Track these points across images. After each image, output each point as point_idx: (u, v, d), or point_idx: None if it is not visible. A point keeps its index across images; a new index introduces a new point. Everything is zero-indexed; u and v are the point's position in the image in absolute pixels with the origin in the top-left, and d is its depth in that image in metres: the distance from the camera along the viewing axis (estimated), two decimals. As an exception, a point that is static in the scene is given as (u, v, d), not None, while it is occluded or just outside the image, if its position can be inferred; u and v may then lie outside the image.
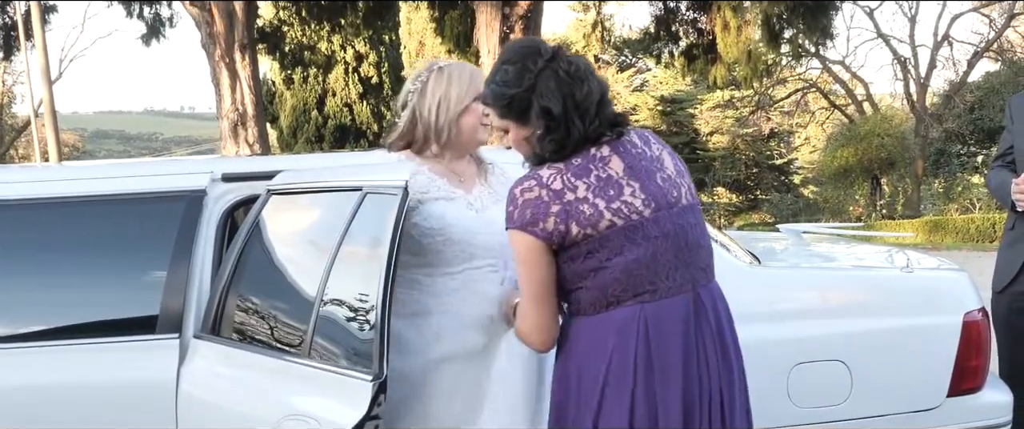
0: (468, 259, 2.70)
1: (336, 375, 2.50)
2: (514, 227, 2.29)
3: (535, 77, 2.28)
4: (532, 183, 2.29)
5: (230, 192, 3.26)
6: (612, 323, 2.30)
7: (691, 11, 18.00)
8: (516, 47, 2.38)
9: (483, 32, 14.35)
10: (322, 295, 2.63)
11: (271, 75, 29.32)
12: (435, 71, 2.82)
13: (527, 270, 2.31)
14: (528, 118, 2.31)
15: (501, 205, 2.53)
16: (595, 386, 2.31)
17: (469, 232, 2.70)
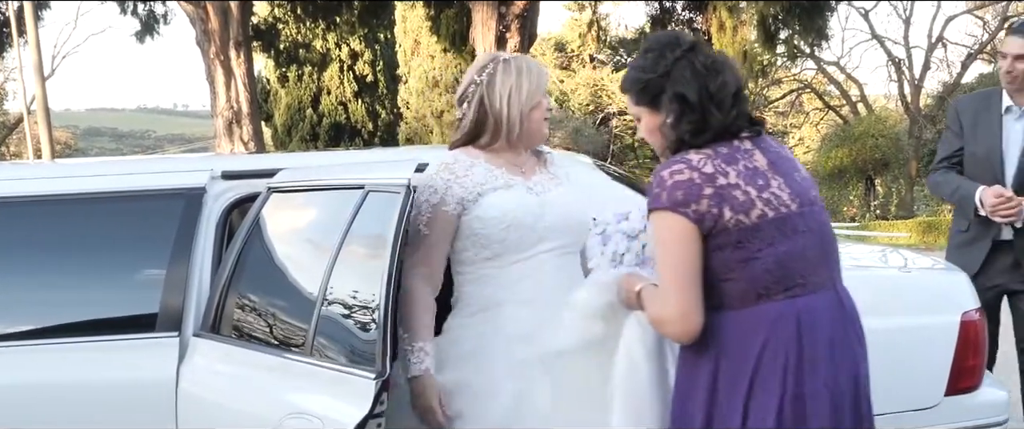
0: (537, 242, 2.72)
1: (339, 373, 2.49)
2: (663, 207, 2.22)
3: (670, 65, 2.31)
4: (681, 166, 2.25)
5: (230, 190, 3.24)
6: (764, 317, 2.25)
7: (687, 11, 18.03)
8: (656, 37, 2.42)
9: (479, 31, 14.33)
10: (324, 293, 2.63)
11: (266, 73, 29.25)
12: (501, 63, 2.78)
13: (674, 252, 2.22)
14: (660, 104, 2.33)
15: (563, 188, 2.80)
16: (740, 382, 2.26)
17: (532, 215, 2.72)
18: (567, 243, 2.73)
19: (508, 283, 2.70)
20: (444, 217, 2.71)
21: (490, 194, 2.71)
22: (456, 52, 17.78)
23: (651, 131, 2.37)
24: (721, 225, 2.21)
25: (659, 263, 2.27)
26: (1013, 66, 4.00)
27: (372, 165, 3.27)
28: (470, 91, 2.78)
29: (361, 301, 2.59)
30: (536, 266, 2.71)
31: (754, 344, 2.25)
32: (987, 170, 4.05)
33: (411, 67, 28.08)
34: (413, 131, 28.47)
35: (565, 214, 2.75)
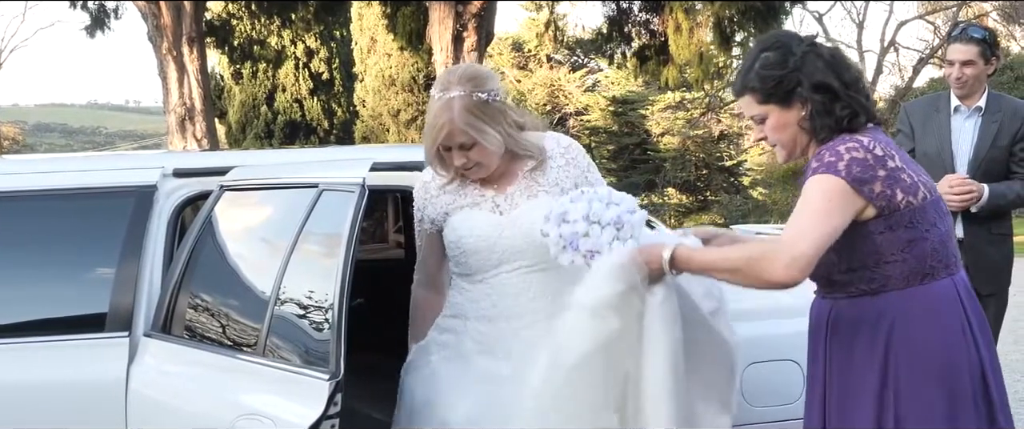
0: (497, 263, 2.69)
1: (292, 374, 2.47)
2: (838, 175, 2.25)
3: (800, 59, 2.36)
4: (855, 144, 2.30)
5: (182, 188, 3.21)
6: (934, 296, 2.36)
7: (644, 12, 18.06)
8: (772, 36, 2.50)
9: (436, 29, 14.27)
10: (277, 293, 2.60)
11: (219, 69, 28.95)
12: (438, 97, 2.64)
13: (835, 210, 2.25)
14: (793, 99, 2.37)
15: (537, 200, 2.68)
16: (925, 362, 2.33)
17: (488, 240, 2.68)
18: (532, 262, 2.67)
19: (473, 298, 2.72)
20: (427, 234, 2.81)
21: (456, 214, 2.73)
22: (413, 50, 17.69)
23: (783, 127, 2.41)
24: (893, 205, 2.30)
25: (805, 210, 2.26)
26: (962, 73, 4.17)
27: (327, 164, 3.25)
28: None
29: (315, 301, 2.56)
30: (497, 285, 2.69)
31: (931, 323, 2.35)
32: (939, 168, 4.14)
33: (367, 65, 27.93)
34: (369, 129, 28.33)
35: (527, 233, 2.64)
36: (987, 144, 4.20)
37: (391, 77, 27.23)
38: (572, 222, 2.42)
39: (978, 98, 4.25)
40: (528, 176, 2.73)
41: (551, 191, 2.72)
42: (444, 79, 2.64)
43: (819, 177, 2.28)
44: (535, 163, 2.74)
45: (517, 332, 2.66)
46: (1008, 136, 4.19)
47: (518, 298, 2.68)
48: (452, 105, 2.58)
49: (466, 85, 2.59)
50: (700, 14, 16.86)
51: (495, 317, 2.68)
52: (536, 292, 2.68)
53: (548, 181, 2.73)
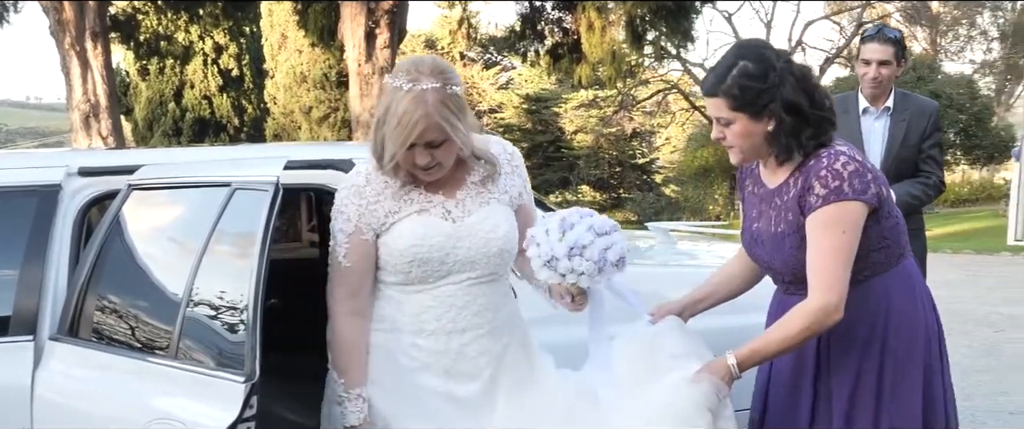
0: (446, 275, 2.52)
1: (206, 377, 2.42)
2: (847, 198, 2.43)
3: (779, 76, 2.47)
4: (845, 158, 2.47)
5: (88, 187, 3.11)
6: (907, 272, 2.63)
7: (557, 10, 18.16)
8: (751, 45, 2.60)
9: (348, 26, 14.14)
10: (190, 295, 2.55)
11: (125, 65, 28.29)
12: (407, 89, 2.42)
13: (851, 238, 2.45)
14: (764, 113, 2.48)
15: (490, 207, 2.57)
16: (914, 334, 2.59)
17: (441, 250, 2.49)
18: (480, 274, 2.54)
19: (411, 311, 2.53)
20: (362, 245, 2.52)
21: (403, 221, 2.51)
22: (325, 47, 17.53)
23: (747, 135, 2.52)
24: (883, 199, 2.51)
25: (826, 248, 2.44)
26: (879, 73, 4.28)
27: (239, 162, 3.19)
28: (388, 87, 2.46)
29: (229, 302, 2.52)
30: (442, 297, 2.52)
31: (911, 296, 2.61)
32: None
33: (278, 62, 27.60)
34: (281, 127, 27.97)
35: (484, 243, 2.52)
36: (897, 144, 4.32)
37: (303, 74, 26.94)
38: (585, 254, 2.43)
39: (887, 99, 4.36)
40: (478, 181, 2.59)
41: (501, 199, 2.60)
42: (409, 70, 2.41)
43: (833, 207, 2.44)
44: (486, 168, 2.59)
45: (462, 348, 2.52)
46: (917, 135, 4.32)
47: (463, 311, 2.53)
48: (426, 98, 2.38)
49: (438, 77, 2.40)
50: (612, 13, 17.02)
51: (436, 331, 2.52)
52: (481, 305, 2.54)
53: (498, 188, 2.61)
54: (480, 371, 2.55)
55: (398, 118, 2.39)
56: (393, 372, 2.53)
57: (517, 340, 2.64)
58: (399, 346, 2.54)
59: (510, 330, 2.63)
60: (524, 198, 2.69)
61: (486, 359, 2.55)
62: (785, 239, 2.56)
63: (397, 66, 2.47)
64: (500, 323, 2.59)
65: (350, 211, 2.52)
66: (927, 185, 4.30)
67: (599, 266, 2.43)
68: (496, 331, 2.58)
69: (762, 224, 2.65)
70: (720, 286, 2.89)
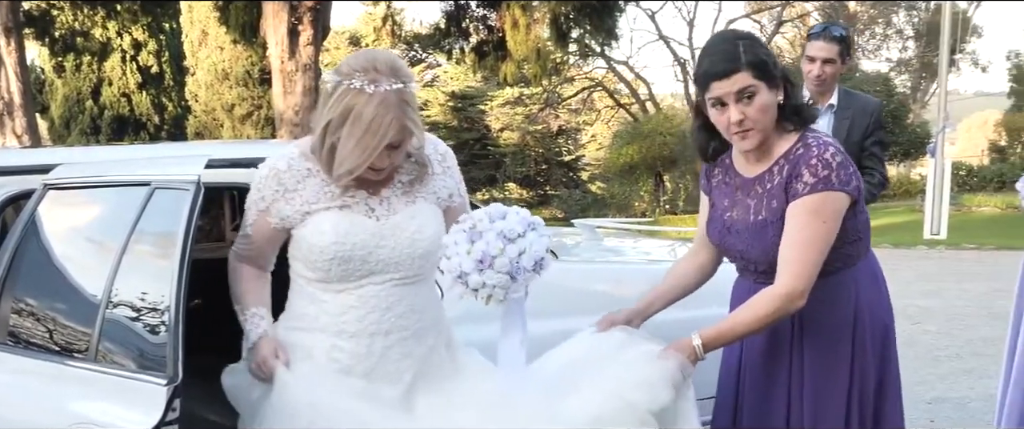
0: (367, 274, 2.44)
1: (127, 380, 2.37)
2: (837, 189, 2.46)
3: (769, 52, 2.54)
4: (833, 148, 2.51)
5: (1, 187, 3.02)
6: (872, 268, 2.73)
7: (481, 8, 18.19)
8: (732, 30, 2.71)
9: (270, 23, 13.99)
10: (109, 296, 2.50)
11: (40, 62, 27.58)
12: (381, 91, 2.33)
13: (830, 227, 2.48)
14: (775, 80, 2.50)
15: (416, 206, 2.49)
16: (884, 319, 2.70)
17: (364, 248, 2.41)
18: (405, 275, 2.47)
19: (331, 311, 2.46)
20: (267, 227, 2.49)
21: (320, 215, 2.42)
22: (247, 44, 17.30)
23: (767, 108, 2.50)
24: (860, 193, 2.55)
25: (805, 237, 2.46)
26: (823, 70, 4.35)
27: (159, 160, 3.14)
28: (340, 87, 2.33)
29: (150, 303, 2.47)
30: (365, 298, 2.45)
31: (877, 285, 2.71)
32: None
33: (199, 59, 27.14)
34: (203, 125, 27.52)
35: (409, 243, 2.45)
36: (841, 140, 4.31)
37: (224, 71, 26.54)
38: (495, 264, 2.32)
39: (830, 96, 4.43)
40: (406, 181, 2.51)
41: (429, 198, 2.54)
42: (366, 69, 2.30)
43: (819, 196, 2.46)
44: (416, 169, 2.52)
45: (385, 351, 2.46)
46: (860, 131, 4.40)
47: (387, 313, 2.46)
48: (390, 100, 2.29)
49: (398, 76, 2.32)
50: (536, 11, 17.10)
51: (359, 333, 2.44)
52: (406, 307, 2.48)
53: (426, 189, 2.54)
54: (402, 375, 2.49)
55: (366, 124, 2.29)
56: (312, 370, 2.45)
57: (442, 342, 2.61)
58: (319, 347, 2.46)
59: (436, 332, 2.58)
60: (456, 200, 2.62)
61: (409, 362, 2.49)
62: (767, 227, 2.56)
63: (348, 64, 2.35)
64: (425, 325, 2.54)
65: (266, 192, 2.47)
66: (871, 183, 4.35)
67: (513, 275, 2.32)
68: (421, 333, 2.52)
69: (737, 213, 2.66)
70: (672, 288, 2.89)
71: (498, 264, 2.30)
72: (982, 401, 5.71)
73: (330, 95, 2.34)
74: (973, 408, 5.63)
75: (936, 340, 7.80)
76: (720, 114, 2.51)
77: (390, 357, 2.47)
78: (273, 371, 2.41)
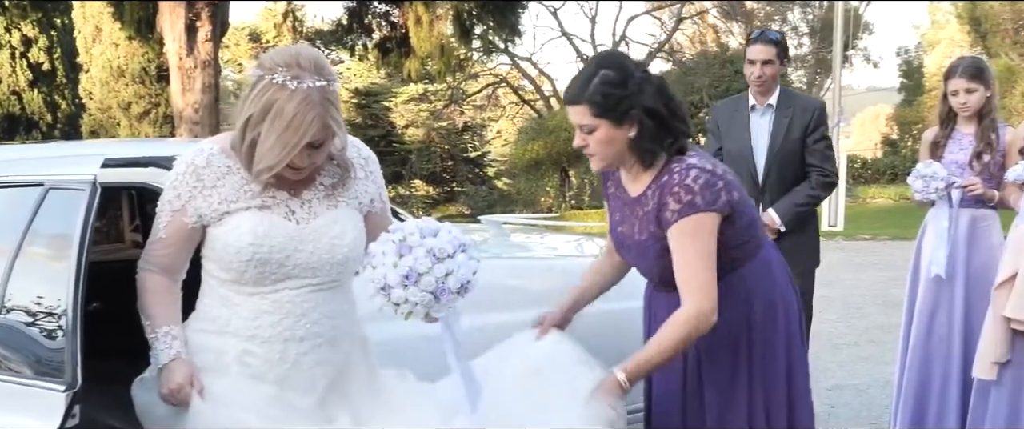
0: (284, 278, 2.37)
1: (24, 387, 2.29)
2: (703, 210, 2.57)
3: (638, 83, 2.57)
4: (695, 172, 2.59)
5: None
6: (766, 262, 2.81)
7: (384, 4, 18.08)
8: (608, 55, 2.71)
9: (166, 18, 13.65)
10: (2, 301, 2.41)
11: (-78, 59, 26.51)
12: (303, 88, 2.28)
13: (709, 243, 2.59)
14: (625, 119, 2.57)
15: (338, 210, 2.43)
16: (776, 315, 2.80)
17: (282, 252, 2.34)
18: (322, 281, 2.42)
19: (244, 315, 2.38)
20: (183, 227, 2.38)
21: (239, 214, 2.34)
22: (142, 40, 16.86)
23: (610, 142, 2.60)
24: (734, 204, 2.64)
25: (691, 258, 2.57)
26: (763, 71, 4.63)
27: (52, 160, 3.04)
28: (262, 82, 2.27)
29: (46, 307, 2.40)
30: (280, 303, 2.38)
31: (772, 287, 2.82)
32: (742, 164, 4.60)
33: (93, 55, 26.33)
34: (98, 123, 26.74)
35: (329, 248, 2.39)
36: (781, 138, 4.64)
37: (120, 68, 25.82)
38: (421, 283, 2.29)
39: (771, 96, 4.69)
40: (328, 184, 2.45)
41: (350, 203, 2.48)
42: (289, 65, 2.25)
43: (687, 221, 2.57)
44: (339, 172, 2.46)
45: (298, 358, 2.39)
46: (800, 129, 4.63)
47: (302, 319, 2.39)
48: (313, 97, 2.24)
49: (321, 73, 2.27)
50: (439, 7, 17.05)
51: (272, 339, 2.37)
52: (322, 313, 2.42)
53: (348, 193, 2.48)
54: (316, 382, 2.43)
55: (288, 120, 2.23)
56: (222, 375, 2.38)
57: (358, 348, 2.56)
58: (230, 352, 2.39)
59: (351, 338, 2.53)
60: (377, 206, 2.58)
61: (323, 370, 2.44)
62: (648, 247, 2.70)
63: (271, 59, 2.29)
64: (341, 331, 2.48)
65: (182, 189, 2.36)
66: (820, 184, 4.66)
67: (436, 295, 2.30)
68: (336, 340, 2.47)
69: (626, 229, 2.78)
70: (595, 284, 3.01)
71: (424, 282, 2.28)
72: (880, 387, 5.90)
73: (252, 90, 2.28)
74: (872, 393, 5.81)
75: (834, 328, 8.02)
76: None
77: (304, 364, 2.41)
78: (187, 401, 2.32)
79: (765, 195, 4.65)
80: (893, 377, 4.84)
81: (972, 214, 4.51)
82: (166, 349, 2.35)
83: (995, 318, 4.07)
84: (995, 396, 4.11)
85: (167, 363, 2.34)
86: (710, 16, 35.77)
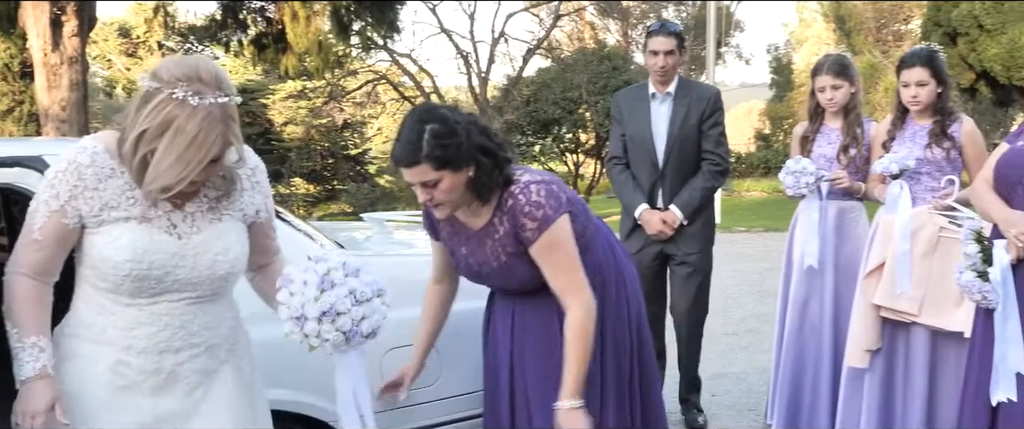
0: (162, 292, 2.29)
1: None
2: (556, 217, 2.76)
3: (465, 128, 2.66)
4: (535, 186, 2.77)
5: None
6: (611, 240, 3.09)
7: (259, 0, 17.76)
8: (426, 109, 2.75)
9: (30, 13, 13.08)
10: None
11: None
12: (205, 104, 2.20)
13: (571, 245, 2.82)
14: (462, 164, 2.66)
15: (221, 226, 2.34)
16: (628, 288, 3.08)
17: (161, 268, 2.25)
18: (203, 294, 2.35)
19: (120, 325, 2.29)
20: (61, 228, 2.26)
21: (117, 226, 2.24)
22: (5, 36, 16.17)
23: (454, 188, 2.69)
24: (571, 199, 2.85)
25: (561, 264, 2.79)
26: (665, 61, 4.88)
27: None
28: (159, 96, 2.17)
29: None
30: (158, 315, 2.31)
31: (620, 253, 3.13)
32: (643, 150, 4.89)
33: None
34: (-44, 123, 25.53)
35: (210, 265, 2.32)
36: (678, 124, 4.88)
37: (-20, 65, 24.68)
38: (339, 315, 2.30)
39: (671, 85, 4.92)
40: (213, 197, 2.36)
41: (235, 216, 2.40)
42: (189, 79, 2.16)
43: (547, 234, 2.76)
44: (225, 184, 2.37)
45: (174, 368, 2.33)
46: (696, 116, 4.88)
47: (179, 331, 2.33)
48: (215, 114, 2.16)
49: (221, 89, 2.20)
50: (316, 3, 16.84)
51: (148, 350, 2.30)
52: (200, 324, 2.36)
53: (233, 206, 2.40)
54: (192, 391, 2.37)
55: (190, 139, 2.14)
56: (93, 383, 2.29)
57: (238, 354, 2.49)
58: (103, 360, 2.30)
59: (230, 345, 2.47)
60: (262, 215, 2.50)
61: (198, 378, 2.38)
62: (512, 267, 2.86)
63: (169, 71, 2.18)
64: (219, 340, 2.42)
65: (62, 189, 2.23)
66: (712, 173, 4.91)
67: (348, 336, 2.30)
68: (214, 349, 2.41)
69: (479, 258, 2.91)
70: (435, 323, 3.19)
71: (340, 322, 2.29)
72: (758, 375, 6.07)
73: (147, 103, 2.17)
74: (750, 381, 5.97)
75: (713, 318, 8.15)
76: (415, 190, 2.73)
77: (180, 374, 2.35)
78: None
79: (665, 178, 4.90)
80: (770, 365, 4.98)
81: (839, 206, 4.67)
82: (32, 362, 2.22)
83: (865, 306, 4.23)
84: (868, 383, 4.27)
85: (30, 378, 2.22)
86: (587, 13, 36.20)
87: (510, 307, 3.04)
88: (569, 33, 36.07)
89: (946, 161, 4.27)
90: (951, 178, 4.19)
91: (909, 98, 4.34)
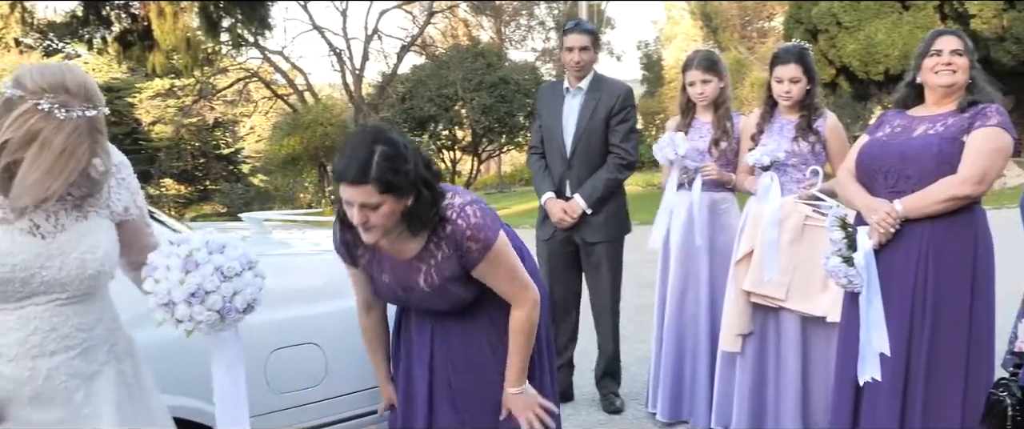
0: (30, 295, 2.18)
1: None
2: (495, 235, 2.83)
3: (412, 155, 2.65)
4: (470, 208, 2.81)
5: None
6: (522, 248, 3.14)
7: (124, -5, 17.26)
8: (377, 131, 2.67)
9: None
10: None
11: None
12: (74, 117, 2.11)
13: (512, 255, 2.92)
14: (404, 192, 2.64)
15: (87, 224, 2.24)
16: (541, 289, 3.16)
17: (25, 270, 2.15)
18: (73, 295, 2.25)
19: None
20: None
21: None
22: None
23: (391, 214, 2.66)
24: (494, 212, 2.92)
25: (507, 273, 2.89)
26: (580, 57, 5.07)
27: None
28: (23, 105, 2.07)
29: None
30: (25, 319, 2.20)
31: (531, 264, 3.18)
32: (554, 141, 5.13)
33: None
34: None
35: (79, 264, 2.22)
36: (586, 118, 5.08)
37: None
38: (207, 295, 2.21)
39: (584, 81, 5.11)
40: (78, 195, 2.25)
41: (102, 213, 2.31)
42: (55, 90, 2.08)
43: (492, 251, 2.82)
44: (90, 183, 2.25)
45: (50, 373, 2.22)
46: (605, 110, 5.06)
47: (50, 334, 2.22)
48: (83, 127, 2.09)
49: (89, 100, 2.12)
50: None
51: (20, 357, 2.19)
52: (73, 326, 2.26)
53: (99, 203, 2.30)
54: (72, 395, 2.28)
55: (57, 154, 2.06)
56: None
57: (118, 354, 2.40)
58: None
59: (109, 346, 2.37)
60: (132, 212, 2.41)
61: (78, 382, 2.28)
62: (447, 289, 2.89)
63: (34, 81, 2.09)
64: (96, 341, 2.32)
65: None
66: (617, 166, 5.07)
67: (222, 314, 2.24)
68: (91, 351, 2.31)
69: (406, 283, 2.91)
70: (385, 351, 3.23)
71: (210, 301, 2.21)
72: (640, 364, 6.18)
73: (9, 111, 2.07)
74: (633, 370, 6.07)
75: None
76: (348, 209, 2.68)
77: (56, 378, 2.25)
78: None
79: (572, 169, 5.12)
80: (650, 352, 5.10)
81: (712, 197, 4.82)
82: None
83: (735, 292, 4.38)
84: (740, 366, 4.43)
85: None
86: (460, 10, 36.27)
87: (428, 325, 3.09)
88: (443, 30, 36.08)
89: (811, 154, 4.45)
90: (815, 169, 4.38)
91: (782, 93, 4.51)
